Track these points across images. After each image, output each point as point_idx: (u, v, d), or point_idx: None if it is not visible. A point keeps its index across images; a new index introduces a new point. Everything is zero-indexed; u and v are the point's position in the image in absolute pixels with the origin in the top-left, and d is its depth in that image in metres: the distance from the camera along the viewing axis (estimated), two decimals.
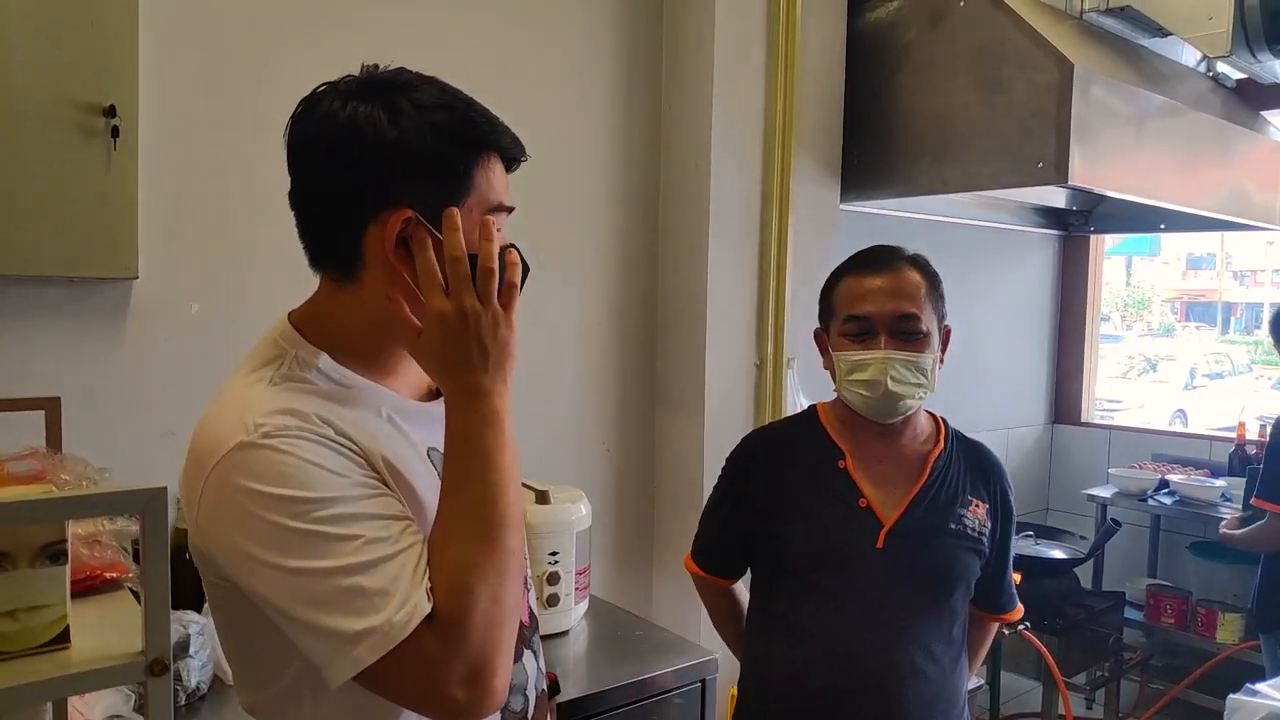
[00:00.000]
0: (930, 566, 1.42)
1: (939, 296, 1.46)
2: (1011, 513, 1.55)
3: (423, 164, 0.90)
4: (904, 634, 1.40)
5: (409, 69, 0.96)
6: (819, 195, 2.49)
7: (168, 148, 1.69)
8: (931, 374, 1.42)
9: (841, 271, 1.49)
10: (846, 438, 1.49)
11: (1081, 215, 3.66)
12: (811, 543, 1.44)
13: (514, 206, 1.00)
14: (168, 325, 1.72)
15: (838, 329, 1.46)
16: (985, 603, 1.56)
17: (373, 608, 0.81)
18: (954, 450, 1.50)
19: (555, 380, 2.28)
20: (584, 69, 2.27)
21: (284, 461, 0.83)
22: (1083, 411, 3.82)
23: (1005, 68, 2.31)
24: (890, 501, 1.43)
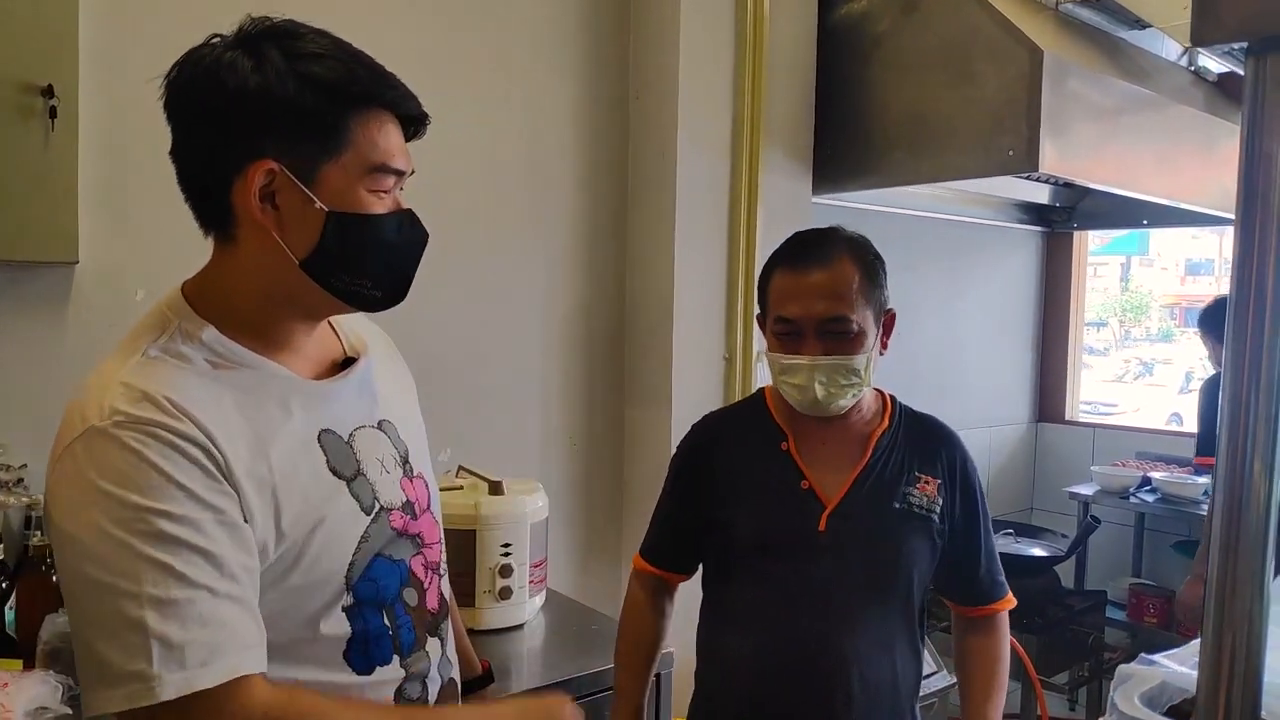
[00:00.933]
0: (875, 549, 1.37)
1: (877, 285, 1.39)
2: (973, 486, 1.46)
3: (288, 114, 0.86)
4: (852, 621, 1.36)
5: (300, 21, 0.92)
6: (789, 187, 2.46)
7: (110, 129, 1.66)
8: (866, 371, 1.37)
9: (774, 262, 1.43)
10: (790, 419, 1.44)
11: (1064, 211, 3.63)
12: (755, 526, 1.40)
13: (406, 170, 0.94)
14: (111, 311, 1.68)
15: (770, 327, 1.42)
16: (963, 593, 1.48)
17: (147, 652, 0.76)
18: (900, 427, 1.45)
19: (519, 372, 2.24)
20: (549, 56, 2.24)
21: (125, 459, 0.80)
22: (1067, 409, 3.78)
23: (977, 57, 2.28)
24: (833, 483, 1.39)
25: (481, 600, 1.72)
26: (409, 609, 1.01)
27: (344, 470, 0.95)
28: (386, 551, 0.98)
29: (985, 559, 1.47)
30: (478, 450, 2.09)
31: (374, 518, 0.96)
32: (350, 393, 1.00)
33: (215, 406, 0.85)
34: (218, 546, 0.80)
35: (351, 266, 0.91)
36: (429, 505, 1.08)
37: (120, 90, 1.67)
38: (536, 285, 2.26)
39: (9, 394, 1.60)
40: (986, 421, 3.58)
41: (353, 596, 0.93)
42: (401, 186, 0.96)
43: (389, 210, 0.93)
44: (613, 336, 2.39)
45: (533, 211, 2.24)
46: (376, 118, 0.91)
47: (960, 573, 1.46)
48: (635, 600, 1.56)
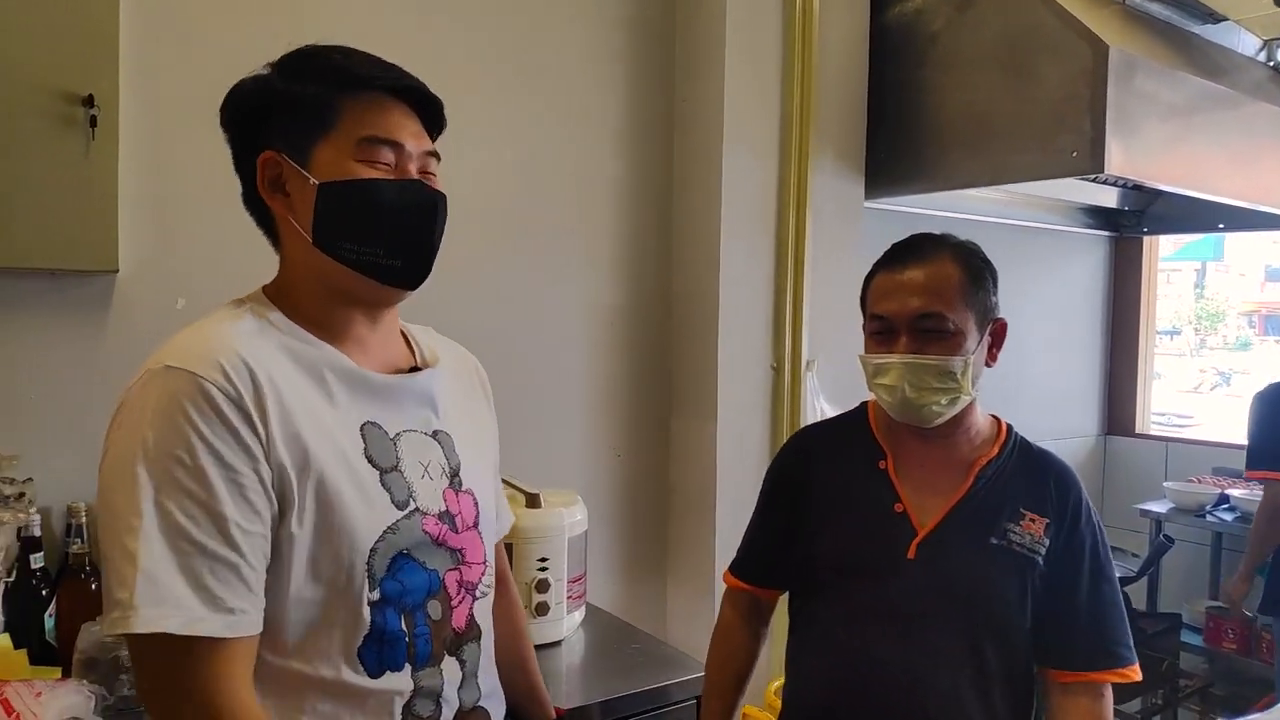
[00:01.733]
0: (965, 583, 1.27)
1: (982, 289, 1.31)
2: (1085, 534, 1.31)
3: (283, 104, 0.95)
4: (936, 655, 1.27)
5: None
6: (841, 190, 2.38)
7: (151, 138, 1.67)
8: (964, 377, 1.28)
9: (877, 265, 1.38)
10: (890, 438, 1.38)
11: (1133, 215, 3.48)
12: (842, 547, 1.34)
13: (404, 143, 0.97)
14: (152, 320, 1.68)
15: (866, 327, 1.36)
16: (1056, 652, 1.30)
17: (132, 584, 0.80)
18: (1011, 458, 1.35)
19: (562, 383, 2.20)
20: (594, 59, 2.20)
21: (164, 403, 0.84)
22: (1137, 422, 3.61)
23: (1037, 54, 2.18)
24: (929, 508, 1.31)
25: None
26: (430, 620, 0.99)
27: (381, 461, 0.96)
28: (417, 555, 0.97)
29: (1091, 615, 1.30)
30: (518, 461, 2.04)
31: (406, 514, 0.96)
32: (407, 395, 1.02)
33: (264, 365, 0.89)
34: (224, 507, 0.83)
35: (354, 234, 0.94)
36: (476, 524, 1.06)
37: (160, 100, 1.68)
38: (578, 291, 2.22)
39: (52, 402, 1.61)
40: (1052, 434, 3.44)
41: (379, 593, 0.93)
42: (427, 170, 0.99)
43: (406, 177, 0.97)
44: (656, 345, 2.34)
45: (575, 216, 2.20)
46: (371, 98, 0.96)
47: (1056, 629, 1.30)
48: (725, 620, 1.51)
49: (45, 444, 1.60)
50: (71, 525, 1.57)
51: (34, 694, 1.36)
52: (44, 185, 1.51)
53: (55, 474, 1.60)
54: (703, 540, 2.24)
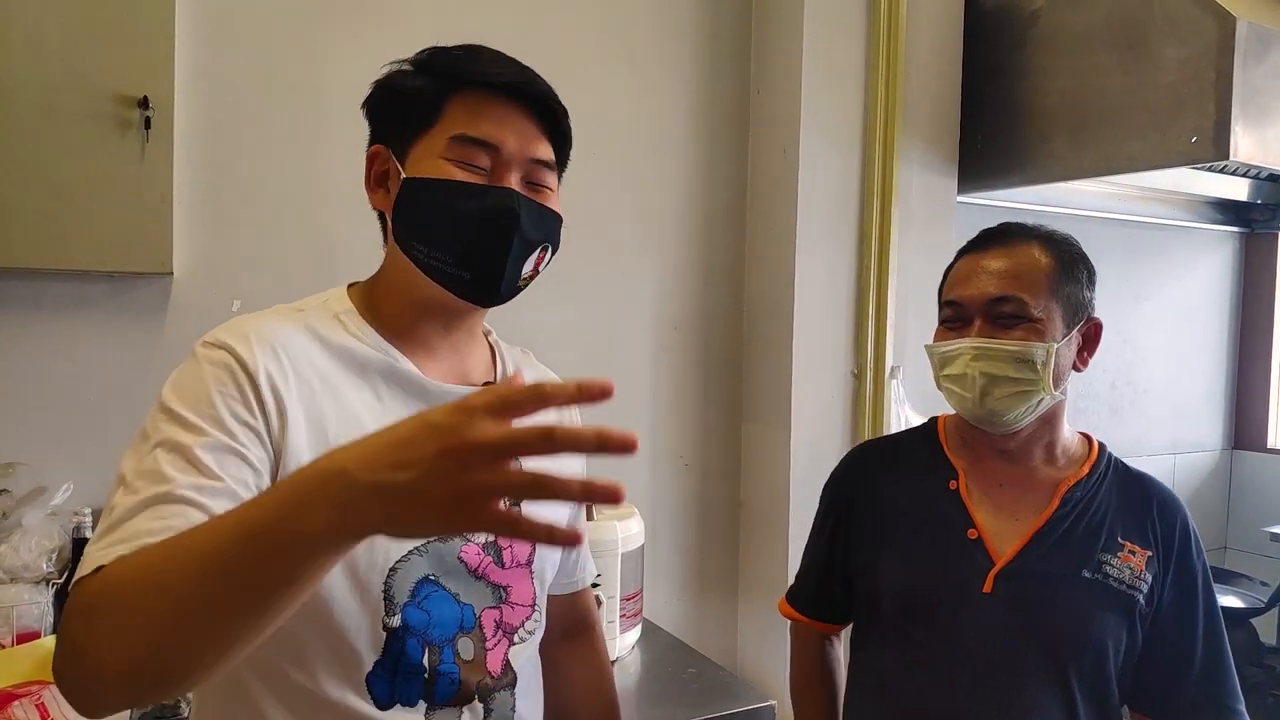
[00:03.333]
0: (1055, 623, 1.11)
1: (1072, 281, 1.17)
2: (1194, 568, 1.16)
3: (396, 100, 0.92)
4: (1015, 707, 1.11)
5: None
6: (931, 183, 2.22)
7: (206, 141, 1.66)
8: (1044, 369, 1.12)
9: (959, 253, 1.25)
10: (964, 455, 1.23)
11: (1267, 209, 3.16)
12: (905, 580, 1.19)
13: (498, 143, 0.90)
14: (207, 322, 1.60)
15: (939, 316, 1.23)
16: (1163, 705, 1.16)
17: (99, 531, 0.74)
18: (1104, 479, 1.19)
19: (627, 385, 2.11)
20: (663, 47, 2.11)
21: (189, 371, 0.83)
22: (1269, 436, 3.29)
23: (1152, 29, 1.97)
24: (1008, 535, 1.15)
25: None
26: (460, 660, 0.91)
27: None
28: (448, 584, 0.89)
29: (1203, 665, 1.15)
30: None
31: (441, 537, 0.89)
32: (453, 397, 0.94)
33: (300, 361, 0.86)
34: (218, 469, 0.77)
35: (426, 235, 0.90)
36: (529, 562, 0.98)
37: (215, 102, 1.66)
38: (647, 292, 2.13)
39: (107, 404, 1.61)
40: (1170, 448, 3.16)
41: (400, 619, 0.85)
42: (534, 180, 0.93)
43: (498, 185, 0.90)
44: (729, 348, 2.23)
45: (644, 214, 2.11)
46: (474, 95, 0.91)
47: (1159, 677, 1.15)
48: (801, 664, 1.37)
49: (100, 446, 1.61)
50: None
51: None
52: (99, 188, 1.52)
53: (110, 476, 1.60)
54: (775, 557, 2.12)
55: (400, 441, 0.57)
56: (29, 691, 1.22)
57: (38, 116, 1.47)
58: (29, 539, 1.41)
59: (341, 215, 1.74)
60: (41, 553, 1.42)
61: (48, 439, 1.57)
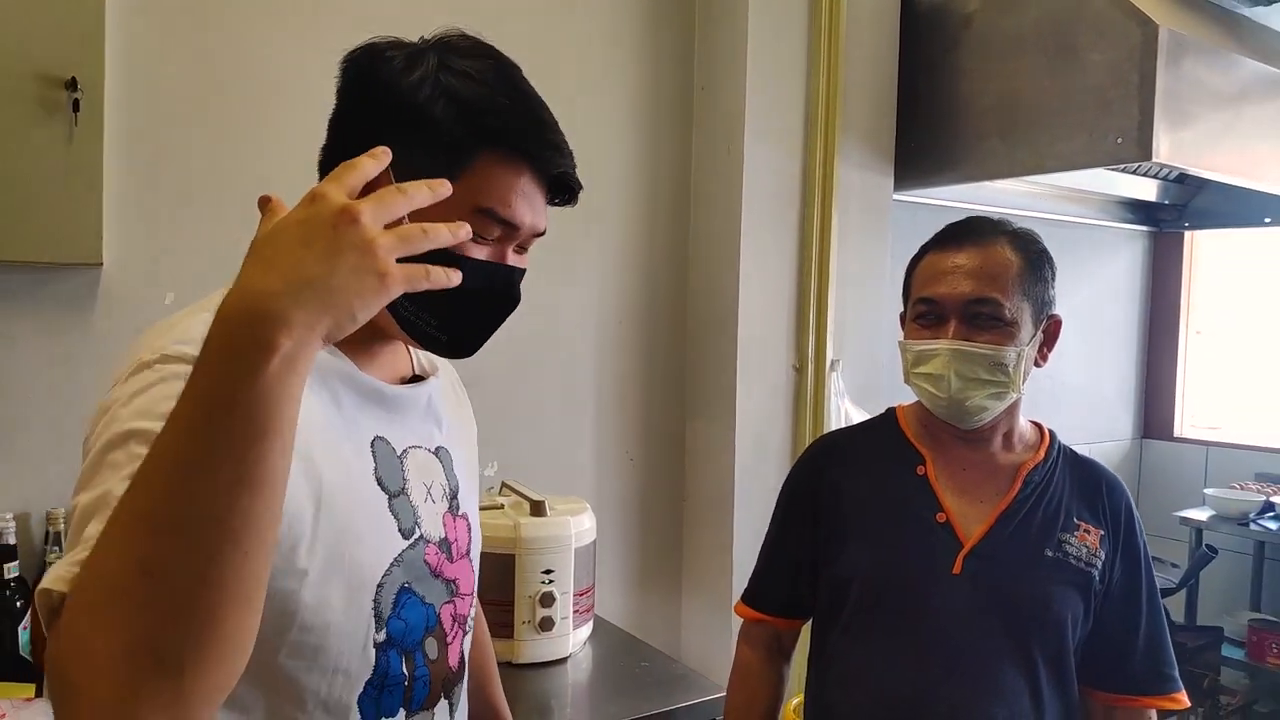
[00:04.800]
0: (1021, 600, 1.16)
1: (1039, 280, 1.21)
2: (1139, 547, 1.23)
3: (414, 118, 0.81)
4: (990, 684, 1.15)
5: (482, 41, 0.89)
6: (869, 181, 2.26)
7: (138, 125, 1.58)
8: (1015, 372, 1.18)
9: (926, 247, 1.27)
10: (928, 440, 1.27)
11: (1175, 209, 3.33)
12: (877, 564, 1.22)
13: (523, 226, 0.86)
14: (139, 315, 1.60)
15: (910, 312, 1.25)
16: (1110, 675, 1.21)
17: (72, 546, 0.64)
18: (1057, 464, 1.25)
19: (572, 381, 2.10)
20: (608, 43, 2.09)
21: (150, 388, 0.71)
22: (1175, 425, 3.47)
23: (1080, 34, 2.05)
24: (974, 517, 1.20)
25: (521, 632, 1.58)
26: (429, 661, 0.90)
27: (389, 483, 0.86)
28: (417, 589, 0.88)
29: (1146, 637, 1.21)
30: (527, 466, 1.96)
31: (412, 544, 0.87)
32: (415, 407, 0.93)
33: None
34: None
35: (419, 298, 0.80)
36: (468, 551, 0.97)
37: (148, 84, 1.59)
38: (590, 289, 2.12)
39: (31, 401, 1.53)
40: (1085, 437, 3.30)
41: (385, 633, 0.84)
42: (524, 247, 0.90)
43: (484, 258, 0.85)
44: (672, 344, 2.23)
45: (588, 210, 2.09)
46: (510, 163, 0.83)
47: (1109, 648, 1.21)
48: (743, 661, 1.37)
49: (24, 445, 1.52)
50: (50, 533, 1.49)
51: None
52: (24, 173, 1.43)
53: (35, 477, 1.52)
54: (720, 549, 2.14)
55: (292, 226, 0.60)
56: None
57: None
58: None
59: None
60: None
61: None
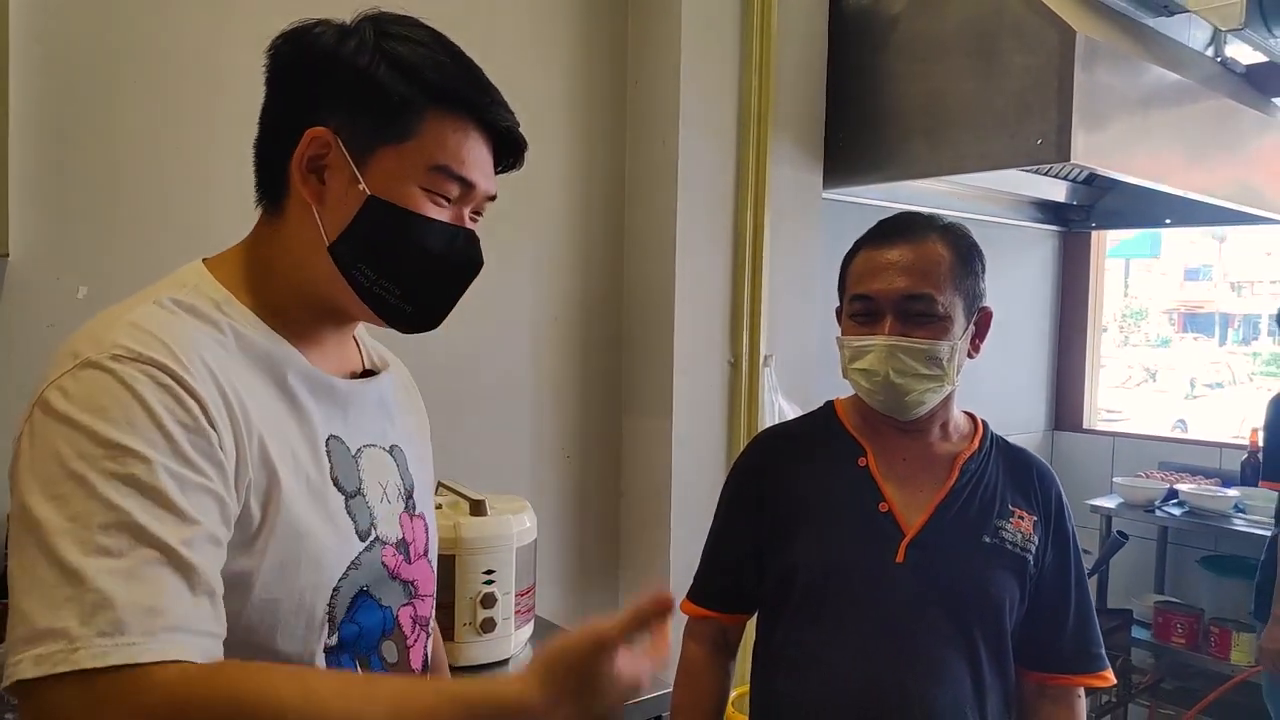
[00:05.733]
0: (961, 587, 1.19)
1: (971, 274, 1.24)
2: (1068, 532, 1.28)
3: (357, 85, 0.80)
4: (935, 670, 1.17)
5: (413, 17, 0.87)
6: (800, 179, 2.29)
7: (46, 108, 1.48)
8: (950, 364, 1.21)
9: (860, 242, 1.29)
10: (867, 432, 1.29)
11: (1082, 210, 3.47)
12: (821, 554, 1.23)
13: (479, 184, 0.85)
14: (49, 310, 1.50)
15: (846, 308, 1.27)
16: (1041, 655, 1.26)
17: (77, 607, 0.61)
18: (991, 453, 1.29)
19: (507, 379, 2.07)
20: (540, 36, 2.07)
21: (113, 392, 0.68)
22: (1085, 418, 3.61)
23: (1001, 38, 2.12)
24: (914, 506, 1.22)
25: (461, 634, 1.54)
26: (387, 665, 0.87)
27: (346, 484, 0.83)
28: (373, 591, 0.85)
29: (1075, 619, 1.26)
30: (462, 464, 1.91)
31: (368, 545, 0.84)
32: (368, 403, 0.90)
33: (224, 373, 0.75)
34: (193, 510, 0.68)
35: (379, 263, 0.82)
36: (425, 551, 0.95)
37: (57, 65, 1.49)
38: (525, 286, 2.08)
39: None
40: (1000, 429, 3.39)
41: (337, 638, 0.81)
42: (479, 211, 0.88)
43: (443, 219, 0.83)
44: (608, 340, 2.22)
45: (521, 207, 2.06)
46: (457, 121, 0.82)
47: (1042, 630, 1.25)
48: (690, 658, 1.37)
49: None
50: None
51: None
52: None
53: None
54: (657, 546, 2.13)
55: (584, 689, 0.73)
56: None
57: None
58: None
59: (199, 191, 1.61)
60: None
61: None
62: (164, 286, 0.80)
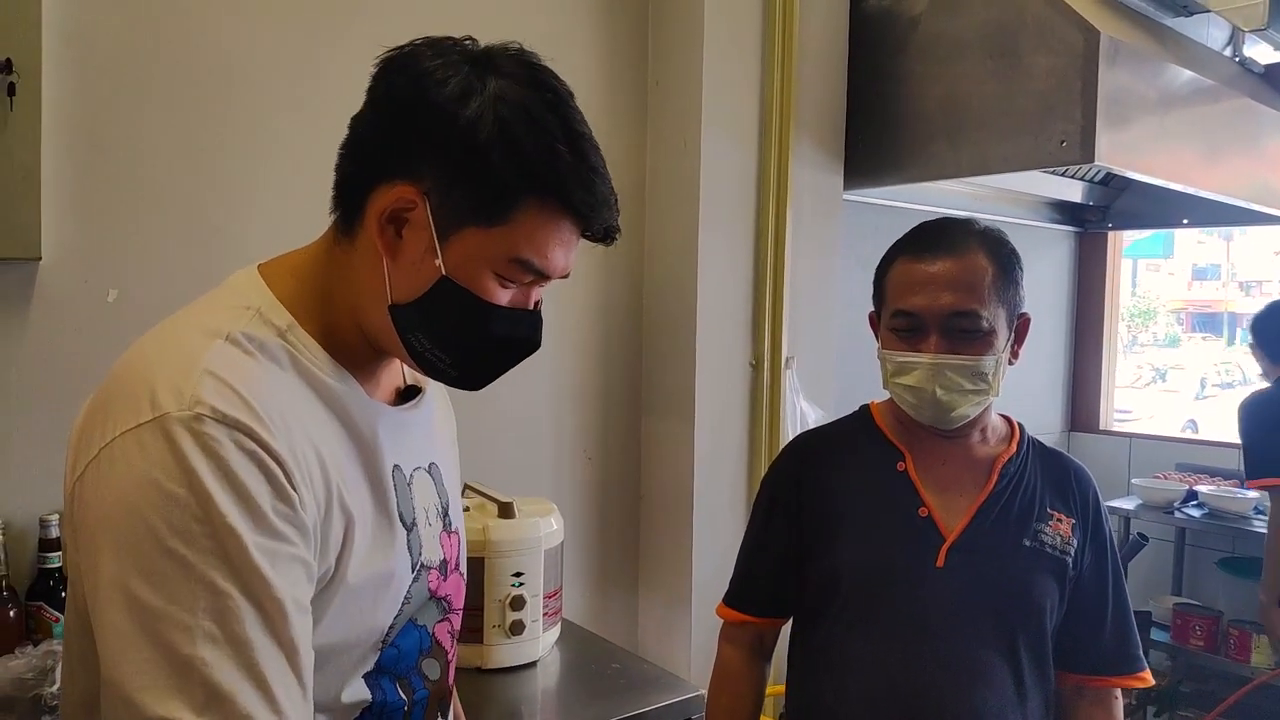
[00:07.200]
0: (1002, 591, 1.19)
1: (1012, 283, 1.23)
2: (1106, 534, 1.27)
3: (462, 157, 0.73)
4: (971, 670, 1.17)
5: (550, 73, 0.80)
6: (821, 181, 2.29)
7: (79, 111, 1.48)
8: (994, 378, 1.21)
9: (896, 251, 1.27)
10: (906, 437, 1.28)
11: (1099, 210, 3.46)
12: (861, 559, 1.23)
13: (554, 276, 0.81)
14: (79, 313, 1.51)
15: (886, 322, 1.25)
16: (1081, 656, 1.25)
17: (189, 697, 0.60)
18: (1029, 456, 1.28)
19: (529, 382, 2.07)
20: (561, 38, 2.07)
21: (204, 461, 0.65)
22: (1101, 419, 3.60)
23: (1023, 38, 2.11)
24: (954, 510, 1.22)
25: (491, 636, 1.54)
26: (428, 682, 0.87)
27: (406, 517, 0.83)
28: (417, 617, 0.85)
29: (1114, 620, 1.26)
30: (485, 466, 1.92)
31: (416, 576, 0.84)
32: (415, 427, 0.89)
33: (300, 423, 0.73)
34: (289, 589, 0.67)
35: (437, 337, 0.79)
36: (458, 565, 0.94)
37: (89, 68, 1.49)
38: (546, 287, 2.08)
39: None
40: None
41: (375, 662, 0.80)
42: (544, 285, 0.85)
43: (509, 303, 0.80)
44: (630, 342, 2.22)
45: None
46: (553, 214, 0.77)
47: (1081, 632, 1.25)
48: (726, 662, 1.37)
49: None
50: None
51: None
52: None
53: None
54: (679, 547, 2.13)
55: None
56: None
57: None
58: None
59: (229, 198, 1.61)
60: None
61: None
62: (225, 308, 0.77)
